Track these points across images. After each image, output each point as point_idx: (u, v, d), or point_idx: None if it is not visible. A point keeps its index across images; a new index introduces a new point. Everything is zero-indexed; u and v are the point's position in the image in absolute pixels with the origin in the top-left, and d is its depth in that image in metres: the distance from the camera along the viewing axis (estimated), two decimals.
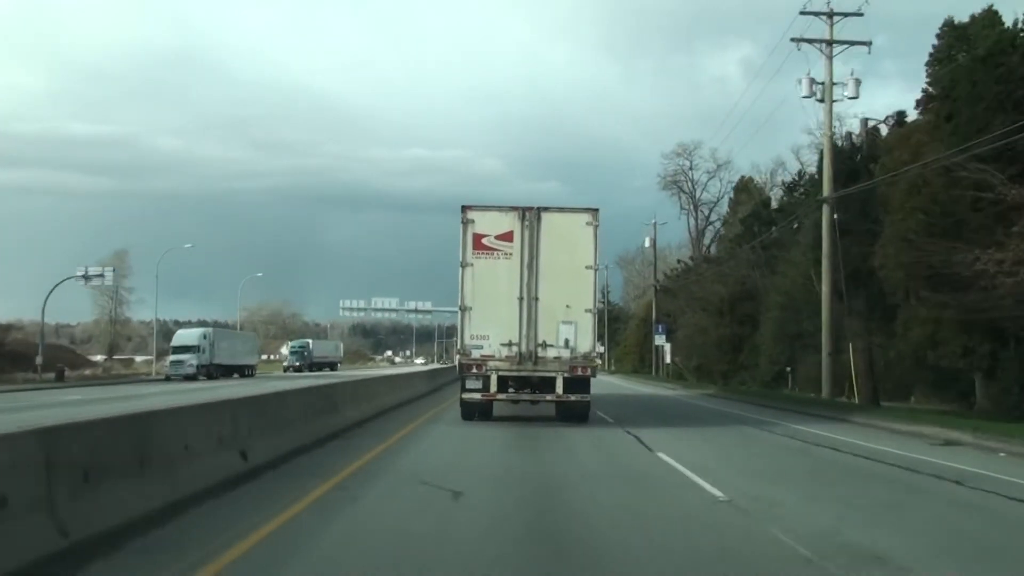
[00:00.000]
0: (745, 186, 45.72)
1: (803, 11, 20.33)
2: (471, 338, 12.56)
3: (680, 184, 53.45)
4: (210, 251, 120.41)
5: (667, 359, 39.58)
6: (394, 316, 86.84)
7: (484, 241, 12.59)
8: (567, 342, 12.50)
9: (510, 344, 12.48)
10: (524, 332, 12.48)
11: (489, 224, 12.66)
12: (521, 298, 12.54)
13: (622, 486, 7.11)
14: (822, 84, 20.29)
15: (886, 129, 22.61)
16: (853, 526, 5.40)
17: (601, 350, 65.75)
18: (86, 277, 41.22)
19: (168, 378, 37.47)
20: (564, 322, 12.49)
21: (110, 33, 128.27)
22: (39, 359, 35.05)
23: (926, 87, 18.61)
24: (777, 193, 42.81)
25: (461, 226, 12.68)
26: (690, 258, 48.73)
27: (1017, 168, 14.58)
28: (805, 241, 25.65)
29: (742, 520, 5.59)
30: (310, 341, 63.02)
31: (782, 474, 8.15)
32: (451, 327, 77.27)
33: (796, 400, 21.14)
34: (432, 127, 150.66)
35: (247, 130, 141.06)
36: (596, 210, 12.68)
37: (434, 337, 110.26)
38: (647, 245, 50.34)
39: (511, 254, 12.58)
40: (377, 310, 75.28)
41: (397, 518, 5.54)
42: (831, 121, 20.64)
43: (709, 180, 53.07)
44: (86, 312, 63.62)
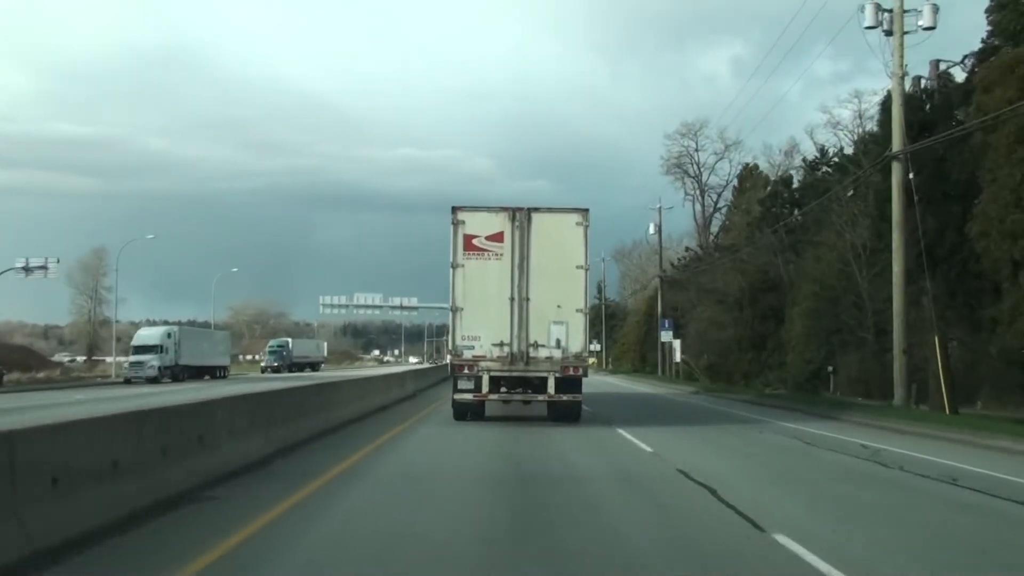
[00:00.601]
0: (749, 173, 45.29)
1: None
2: (463, 339, 13.56)
3: (685, 167, 51.78)
4: (200, 252, 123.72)
5: (676, 357, 38.52)
6: (388, 315, 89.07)
7: (475, 242, 13.60)
8: (558, 342, 13.52)
9: (502, 344, 13.49)
10: (515, 332, 13.50)
11: (479, 225, 13.66)
12: (512, 298, 13.55)
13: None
14: (889, 12, 18.00)
15: (963, 74, 19.64)
16: None
17: (597, 348, 66.91)
18: (27, 269, 38.88)
19: (128, 381, 37.34)
20: (555, 322, 13.51)
21: (97, 33, 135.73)
22: None
23: None
24: (791, 176, 42.52)
25: (451, 227, 13.66)
26: (699, 246, 47.33)
27: None
28: (841, 220, 23.46)
29: None
30: (289, 340, 63.81)
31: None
32: (441, 326, 79.57)
33: (867, 409, 17.48)
34: (423, 126, 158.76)
35: (236, 130, 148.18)
36: (586, 210, 13.69)
37: (424, 336, 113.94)
38: (651, 232, 47.90)
39: (502, 255, 13.58)
40: (360, 307, 76.05)
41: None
42: (902, 58, 17.87)
43: (717, 162, 51.25)
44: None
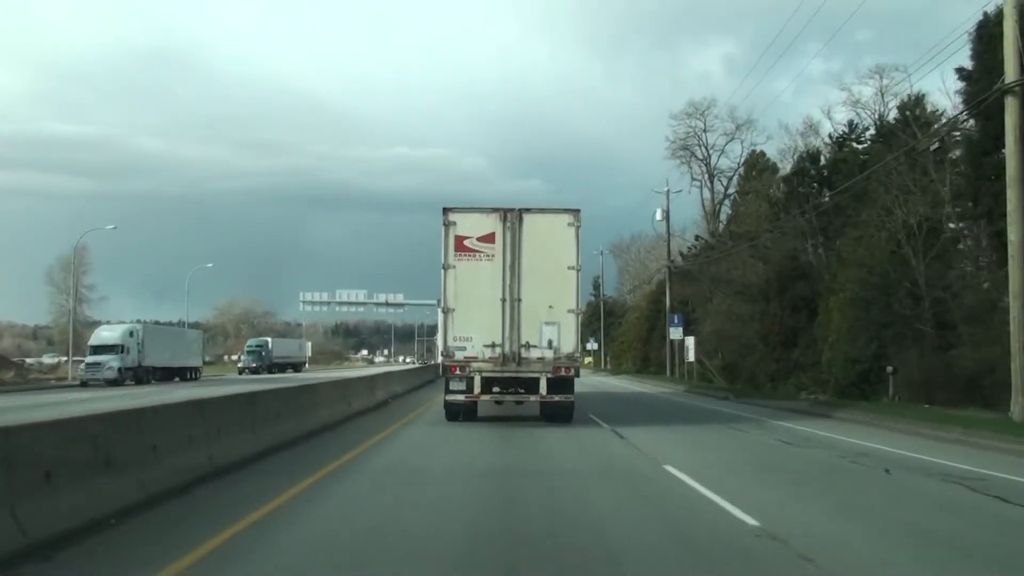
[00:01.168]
0: (755, 161, 45.53)
1: None
2: (454, 340, 14.59)
3: (692, 149, 50.94)
4: (192, 252, 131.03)
5: (689, 356, 36.58)
6: (379, 315, 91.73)
7: (466, 243, 14.61)
8: (550, 343, 14.56)
9: (493, 345, 14.52)
10: (507, 333, 14.53)
11: (471, 226, 14.68)
12: (504, 299, 14.58)
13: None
14: None
15: None
16: None
17: (595, 347, 68.05)
18: None
19: (85, 383, 36.60)
20: (547, 323, 14.55)
21: (91, 33, 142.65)
22: None
23: None
24: (819, 151, 41.53)
25: (443, 228, 14.67)
26: (711, 234, 46.56)
27: None
28: (890, 195, 21.68)
29: None
30: (269, 340, 64.79)
31: None
32: (432, 326, 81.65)
33: (990, 426, 13.82)
34: (416, 126, 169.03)
35: (229, 130, 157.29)
36: (577, 211, 14.71)
37: (415, 336, 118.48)
38: (658, 218, 46.04)
39: (493, 256, 14.60)
40: (343, 304, 77.04)
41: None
42: None
43: (728, 143, 50.49)
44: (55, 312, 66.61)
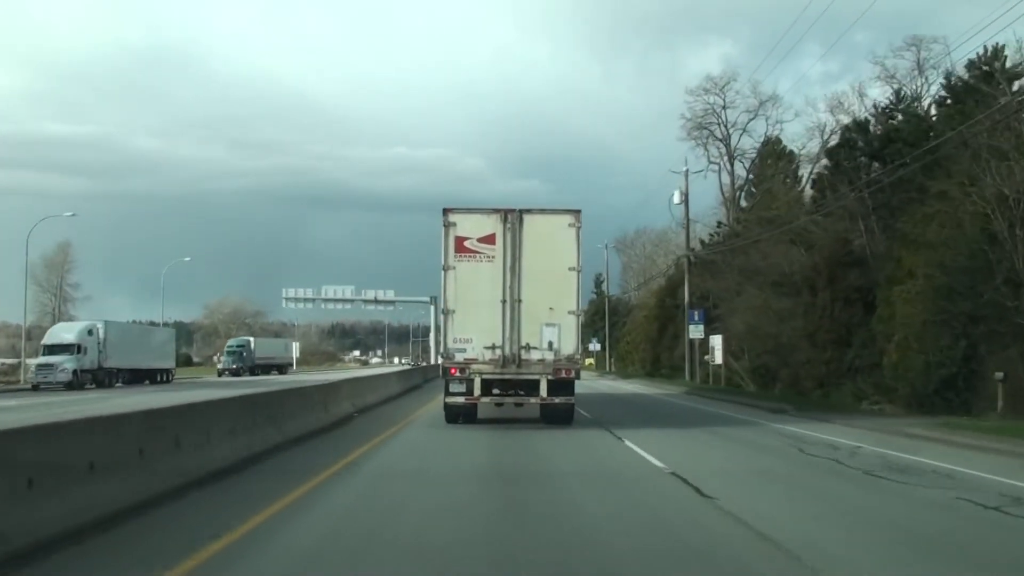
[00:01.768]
0: (772, 149, 45.56)
1: None
2: (454, 341, 15.72)
3: (710, 128, 49.81)
4: (187, 252, 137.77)
5: (716, 358, 35.12)
6: (377, 315, 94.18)
7: (466, 244, 15.74)
8: (551, 344, 15.68)
9: (493, 347, 15.64)
10: (507, 335, 15.65)
11: (471, 227, 15.81)
12: (504, 301, 15.70)
13: None
14: None
15: None
16: None
17: (597, 348, 69.18)
18: None
19: (36, 387, 35.98)
20: (547, 324, 15.68)
21: (88, 33, 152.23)
22: None
23: None
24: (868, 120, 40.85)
25: (443, 229, 15.80)
26: (735, 220, 45.36)
27: None
28: (979, 160, 19.06)
29: None
30: (251, 339, 65.98)
31: None
32: (426, 326, 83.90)
33: None
34: (414, 126, 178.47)
35: (227, 130, 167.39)
36: (578, 211, 15.84)
37: (410, 336, 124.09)
38: (676, 201, 44.48)
39: (494, 257, 15.73)
40: (329, 300, 78.12)
41: None
42: None
43: (750, 121, 49.25)
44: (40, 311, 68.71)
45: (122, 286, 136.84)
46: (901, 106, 30.18)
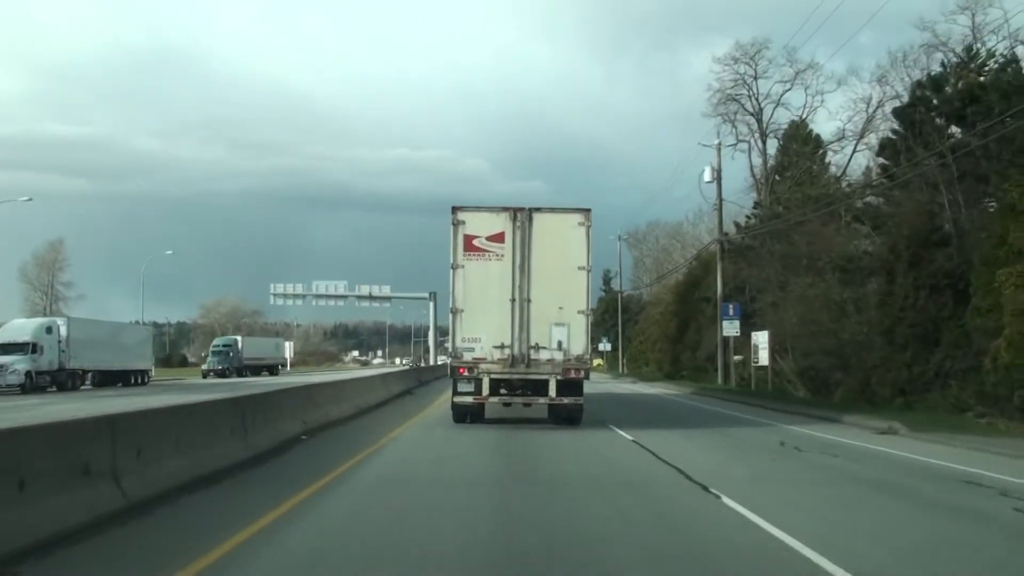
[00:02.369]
0: (796, 133, 45.65)
1: None
2: (463, 340, 17.08)
3: (740, 100, 48.29)
4: (188, 253, 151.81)
5: (761, 359, 32.93)
6: (368, 310, 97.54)
7: (475, 242, 17.10)
8: (560, 344, 17.02)
9: (502, 346, 17.00)
10: (516, 334, 17.01)
11: (480, 225, 17.15)
12: (513, 300, 17.05)
13: None
14: None
15: None
16: None
17: (607, 348, 70.46)
18: None
19: None
20: (557, 324, 17.01)
21: (88, 34, 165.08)
22: None
23: None
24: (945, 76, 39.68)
25: (451, 227, 17.15)
26: (776, 200, 43.22)
27: None
28: None
29: None
30: (238, 338, 67.49)
31: None
32: (426, 327, 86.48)
33: None
34: (416, 126, 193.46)
35: (226, 131, 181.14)
36: (588, 210, 17.17)
37: (412, 336, 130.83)
38: (706, 179, 42.45)
39: (503, 255, 17.07)
40: (320, 296, 79.45)
41: None
42: None
43: (786, 92, 47.44)
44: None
45: (124, 287, 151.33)
46: (973, 64, 28.21)
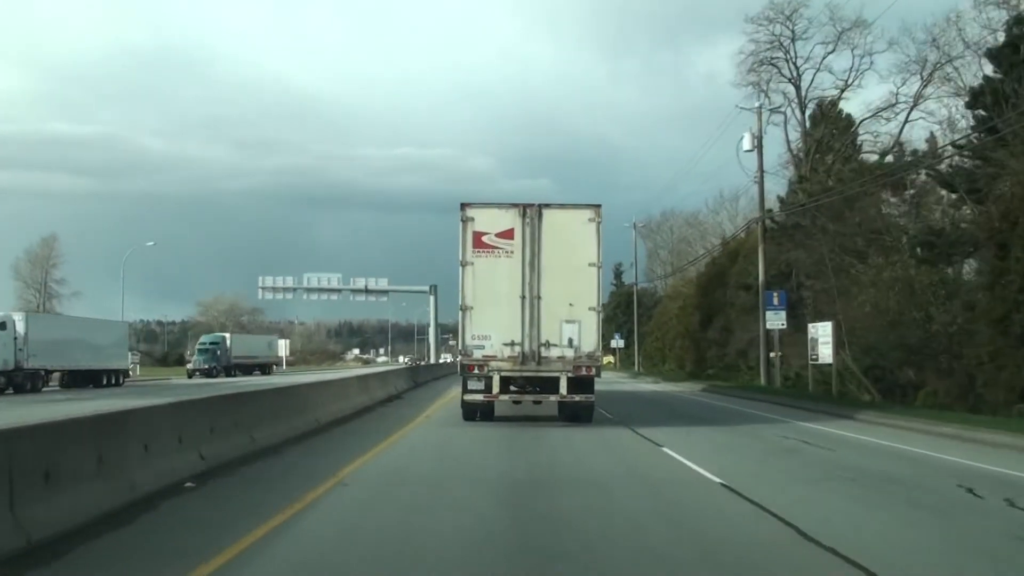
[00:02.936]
0: (826, 113, 45.61)
1: None
2: (472, 338, 18.56)
3: (777, 64, 47.39)
4: (195, 252, 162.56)
5: (823, 355, 30.10)
6: (366, 305, 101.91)
7: (484, 239, 18.57)
8: (571, 341, 18.50)
9: (512, 344, 18.49)
10: (527, 332, 18.50)
11: (489, 222, 18.64)
12: (523, 297, 18.54)
13: None
14: None
15: None
16: None
17: (620, 345, 71.88)
18: None
19: None
20: (567, 321, 18.49)
21: (93, 34, 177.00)
22: None
23: None
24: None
25: (460, 224, 18.64)
26: (826, 172, 41.55)
27: None
28: None
29: None
30: (227, 336, 69.17)
31: None
32: (425, 324, 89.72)
33: None
34: (421, 125, 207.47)
35: (231, 130, 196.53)
36: (598, 206, 18.63)
37: (415, 334, 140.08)
38: (746, 147, 39.99)
39: (512, 252, 18.56)
40: (312, 290, 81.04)
41: None
42: None
43: (828, 56, 46.22)
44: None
45: (128, 286, 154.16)
46: None
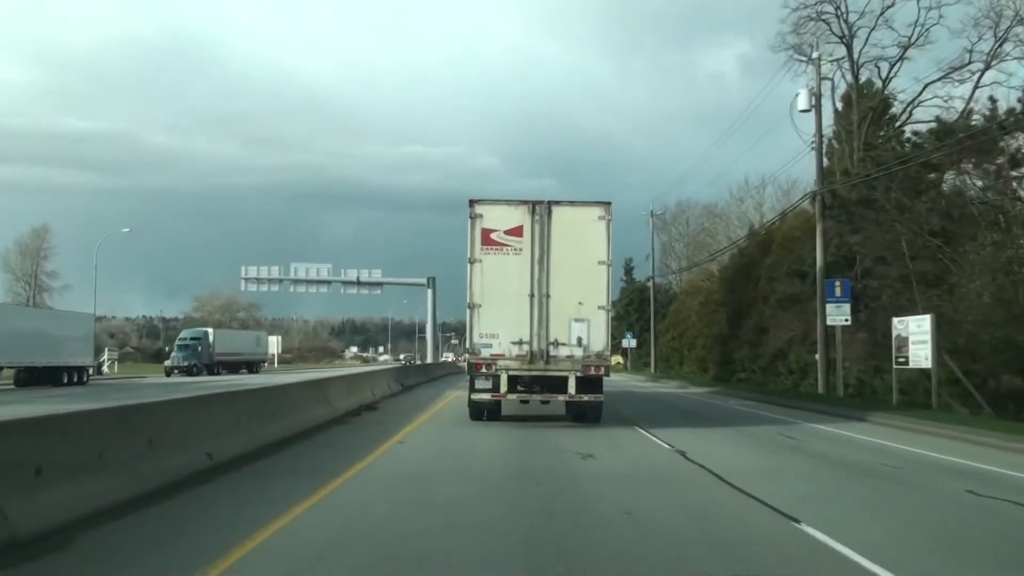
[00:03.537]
0: (865, 88, 44.09)
1: None
2: (480, 336, 20.32)
3: (827, 21, 44.43)
4: (198, 247, 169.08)
5: (915, 358, 27.49)
6: (384, 310, 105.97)
7: (493, 236, 20.32)
8: (579, 340, 20.21)
9: (520, 343, 20.23)
10: (535, 330, 20.23)
11: (498, 218, 20.39)
12: (532, 295, 20.27)
13: None
14: None
15: None
16: None
17: (632, 345, 73.45)
18: None
19: None
20: (576, 319, 20.20)
21: (101, 28, 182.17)
22: None
23: None
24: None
25: (469, 221, 20.39)
26: (890, 138, 40.02)
27: None
28: None
29: None
30: (210, 331, 70.90)
31: None
32: (445, 322, 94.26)
33: None
34: (428, 123, 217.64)
35: (240, 126, 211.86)
36: (608, 203, 20.37)
37: (416, 332, 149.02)
38: (802, 106, 37.69)
39: (521, 249, 20.30)
40: (299, 281, 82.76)
41: None
42: None
43: (887, 10, 43.23)
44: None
45: (135, 282, 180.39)
46: None
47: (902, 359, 28.12)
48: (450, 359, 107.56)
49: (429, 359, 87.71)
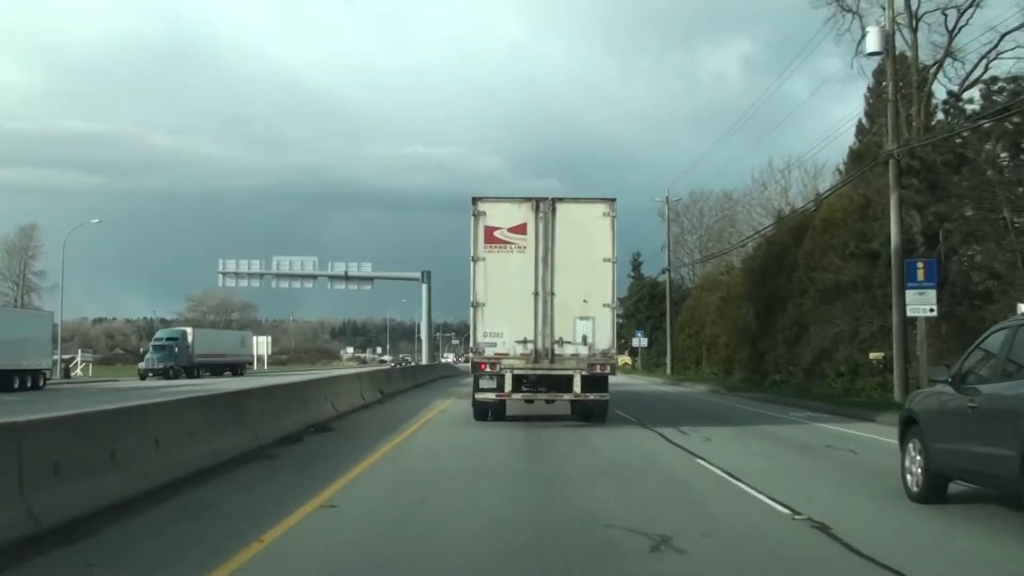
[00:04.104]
0: (902, 61, 40.19)
1: None
2: (484, 335, 21.92)
3: None
4: (200, 248, 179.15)
5: None
6: (381, 311, 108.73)
7: (496, 234, 21.95)
8: (584, 338, 21.76)
9: (525, 341, 21.79)
10: (540, 329, 21.79)
11: (501, 216, 22.03)
12: (536, 293, 21.85)
13: None
14: None
15: None
16: None
17: (643, 344, 74.84)
18: None
19: None
20: (581, 318, 21.78)
21: (103, 29, 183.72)
22: None
23: None
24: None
25: (472, 219, 22.05)
26: (989, 86, 34.59)
27: None
28: None
29: None
30: (188, 330, 72.30)
31: None
32: (447, 323, 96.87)
33: None
34: (430, 124, 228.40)
35: (242, 128, 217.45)
36: (613, 200, 22.01)
37: (415, 333, 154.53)
38: (871, 48, 33.05)
39: (525, 247, 21.89)
40: (281, 276, 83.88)
41: None
42: None
43: None
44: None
45: (137, 284, 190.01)
46: None
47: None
48: (450, 360, 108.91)
49: (424, 360, 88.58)
